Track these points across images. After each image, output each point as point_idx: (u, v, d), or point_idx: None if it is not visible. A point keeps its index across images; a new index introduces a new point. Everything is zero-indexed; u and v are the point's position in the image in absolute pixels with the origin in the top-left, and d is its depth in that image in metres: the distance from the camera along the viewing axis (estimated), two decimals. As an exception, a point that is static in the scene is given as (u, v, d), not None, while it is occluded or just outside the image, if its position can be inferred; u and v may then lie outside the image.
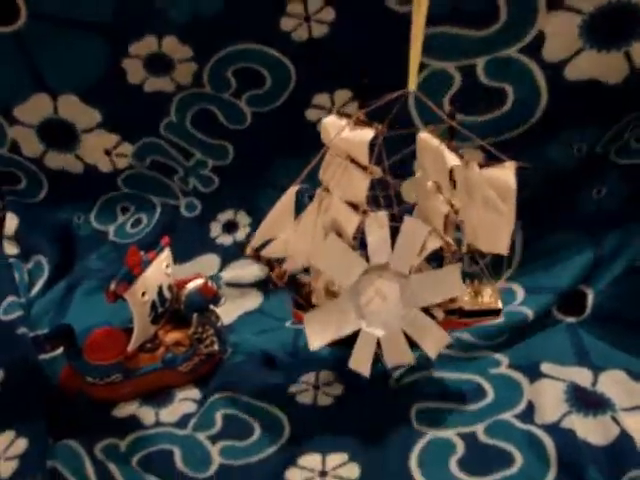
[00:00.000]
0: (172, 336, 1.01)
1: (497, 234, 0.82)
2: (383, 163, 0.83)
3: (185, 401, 0.99)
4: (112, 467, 0.88)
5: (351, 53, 1.06)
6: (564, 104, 1.02)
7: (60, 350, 0.99)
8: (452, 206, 0.83)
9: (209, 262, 1.26)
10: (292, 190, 0.87)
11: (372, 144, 0.81)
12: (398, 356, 0.90)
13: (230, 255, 1.26)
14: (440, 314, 0.90)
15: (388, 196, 0.87)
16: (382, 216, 0.84)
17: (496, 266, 0.94)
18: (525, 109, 1.04)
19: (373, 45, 1.05)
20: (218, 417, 0.95)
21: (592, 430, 0.86)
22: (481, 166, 0.79)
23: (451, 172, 0.80)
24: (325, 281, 0.92)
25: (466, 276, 0.90)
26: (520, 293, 1.11)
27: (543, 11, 0.97)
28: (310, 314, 0.89)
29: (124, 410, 0.97)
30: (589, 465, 0.81)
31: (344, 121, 0.83)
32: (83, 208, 1.31)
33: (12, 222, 1.29)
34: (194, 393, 1.00)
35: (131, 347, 0.97)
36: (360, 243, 0.86)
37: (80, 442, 0.90)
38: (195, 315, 1.00)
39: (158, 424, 0.95)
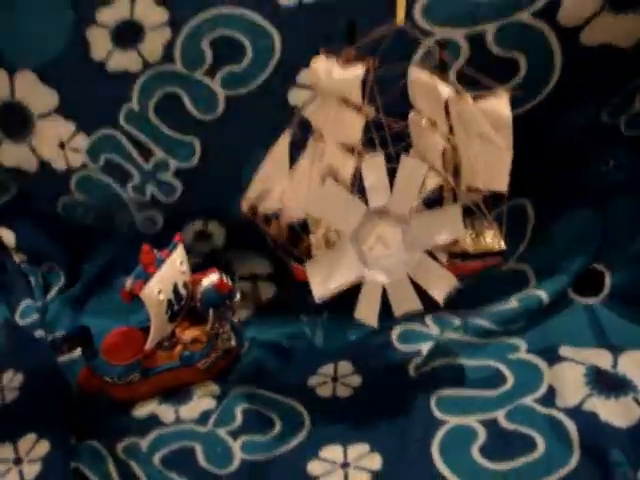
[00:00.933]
0: (189, 333, 1.01)
1: (495, 169, 0.79)
2: (376, 101, 0.78)
3: (205, 398, 0.99)
4: (134, 466, 0.88)
5: (345, 22, 0.91)
6: (578, 72, 0.97)
7: (78, 352, 0.99)
8: (449, 141, 0.80)
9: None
10: (284, 137, 0.84)
11: (364, 84, 0.77)
12: (406, 303, 0.86)
13: (209, 261, 1.15)
14: (444, 258, 0.86)
15: (384, 136, 0.82)
16: (378, 157, 0.79)
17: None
18: (538, 80, 0.97)
19: (369, 11, 0.91)
20: (238, 412, 0.95)
21: (614, 412, 0.86)
22: (475, 98, 0.76)
23: (446, 106, 0.78)
24: (324, 230, 0.89)
25: (467, 219, 0.86)
26: (532, 276, 1.09)
27: None
28: (311, 263, 0.85)
29: (144, 409, 0.98)
30: (612, 447, 0.80)
31: (333, 60, 0.78)
32: (47, 210, 1.20)
33: (9, 235, 1.25)
34: (213, 389, 1.00)
35: (148, 346, 0.97)
36: (358, 187, 0.82)
37: (102, 442, 0.91)
38: (211, 311, 1.00)
39: (178, 421, 0.95)
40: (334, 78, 0.78)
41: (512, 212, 0.89)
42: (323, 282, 0.84)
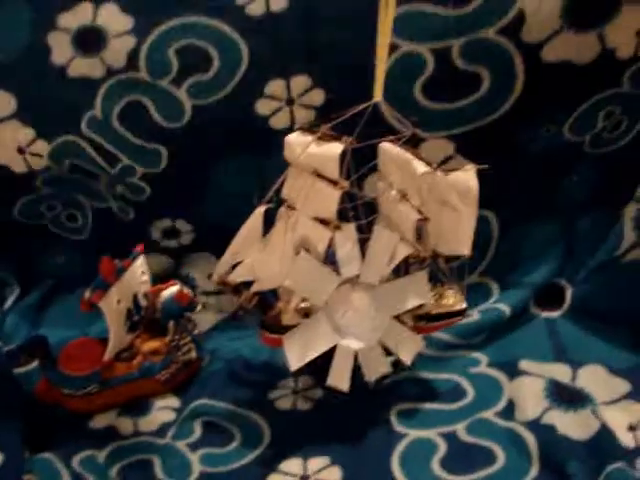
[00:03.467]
0: (149, 344, 1.00)
1: (459, 235, 0.84)
2: (351, 176, 0.82)
3: (164, 410, 0.98)
4: (91, 479, 0.87)
5: (313, 31, 0.97)
6: (538, 87, 0.99)
7: (35, 363, 0.98)
8: (421, 213, 0.83)
9: (161, 261, 1.19)
10: (259, 211, 0.85)
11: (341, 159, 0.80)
12: (377, 367, 0.91)
13: (180, 255, 1.19)
14: (409, 321, 0.91)
15: (354, 208, 0.87)
16: (350, 228, 0.83)
17: (460, 270, 0.93)
18: (500, 94, 0.99)
19: (338, 23, 0.97)
20: (197, 425, 0.94)
21: (573, 425, 0.86)
22: (444, 171, 0.81)
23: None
24: (297, 301, 0.90)
25: (429, 280, 0.90)
26: (495, 289, 1.11)
27: None
28: (288, 335, 0.87)
29: (102, 421, 0.97)
30: (571, 460, 0.81)
31: (309, 136, 0.82)
32: (4, 212, 1.17)
33: None
34: (172, 401, 0.99)
35: (107, 356, 0.96)
36: (327, 258, 0.85)
37: (57, 455, 0.90)
38: (171, 323, 1.00)
39: (137, 434, 0.94)
40: (311, 154, 0.81)
41: (476, 224, 0.89)
42: (299, 353, 0.87)
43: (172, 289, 1.00)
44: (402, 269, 0.89)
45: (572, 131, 1.03)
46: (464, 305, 0.94)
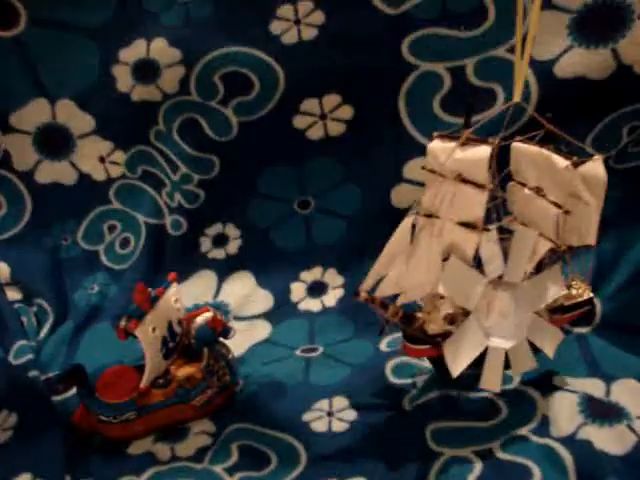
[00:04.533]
0: (184, 371, 1.00)
1: (585, 227, 0.84)
2: (495, 178, 0.84)
3: (200, 435, 0.98)
4: (131, 504, 0.88)
5: (340, 54, 1.09)
6: (554, 102, 1.02)
7: (73, 390, 0.99)
8: (559, 207, 0.84)
9: (206, 279, 1.28)
10: (407, 222, 0.86)
11: None
12: (524, 363, 0.92)
13: (225, 269, 1.28)
14: (546, 315, 0.92)
15: (496, 209, 0.88)
16: (492, 230, 0.85)
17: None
18: (515, 109, 1.02)
19: (362, 47, 1.08)
20: (234, 449, 0.95)
21: (609, 440, 0.86)
22: (575, 165, 0.81)
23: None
24: (447, 307, 0.90)
25: None
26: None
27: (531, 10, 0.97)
28: (447, 343, 0.89)
29: (139, 447, 0.97)
30: (608, 475, 0.81)
31: (451, 142, 0.82)
32: (69, 229, 1.32)
33: (3, 268, 1.29)
34: (209, 426, 1.00)
35: (144, 384, 0.97)
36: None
37: (97, 481, 0.91)
38: (206, 349, 1.01)
39: (174, 459, 0.95)
40: (457, 159, 0.81)
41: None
42: (458, 358, 0.88)
43: (206, 315, 1.01)
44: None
45: (594, 147, 1.04)
46: (591, 294, 0.96)
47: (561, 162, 0.81)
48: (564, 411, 0.92)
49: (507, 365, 0.91)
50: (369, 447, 0.92)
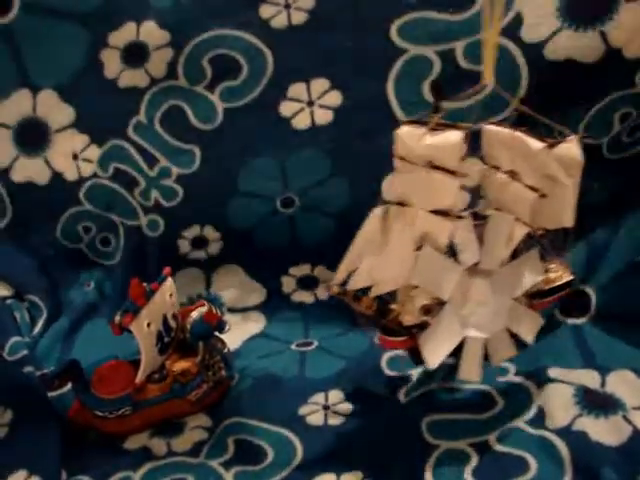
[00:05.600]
0: (179, 365, 1.00)
1: (562, 209, 0.81)
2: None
3: (196, 429, 0.99)
4: (128, 500, 0.88)
5: (329, 39, 1.09)
6: (545, 84, 1.02)
7: (68, 386, 0.99)
8: (536, 190, 0.82)
9: (191, 276, 1.26)
10: (375, 213, 0.84)
11: None
12: (504, 352, 0.91)
13: (209, 266, 1.26)
14: (524, 300, 0.90)
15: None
16: (466, 217, 0.83)
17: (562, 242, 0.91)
18: (506, 91, 1.01)
19: (351, 31, 1.08)
20: (230, 443, 0.95)
21: (604, 431, 0.86)
22: (550, 146, 0.78)
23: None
24: (422, 298, 0.88)
25: None
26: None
27: None
28: (424, 334, 0.87)
29: (135, 442, 0.97)
30: (604, 466, 0.81)
31: (421, 128, 0.78)
32: (48, 229, 1.30)
33: None
34: (204, 421, 1.00)
35: (139, 379, 0.96)
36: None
37: (93, 476, 0.91)
38: (201, 343, 1.00)
39: (170, 454, 0.95)
40: (427, 145, 0.78)
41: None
42: (435, 350, 0.87)
43: (201, 310, 1.01)
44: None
45: (588, 133, 1.04)
46: (571, 276, 0.94)
47: (535, 144, 0.78)
48: (559, 402, 0.92)
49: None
50: (365, 440, 0.92)
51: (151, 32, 1.11)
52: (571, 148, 0.78)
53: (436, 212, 0.82)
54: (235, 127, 1.16)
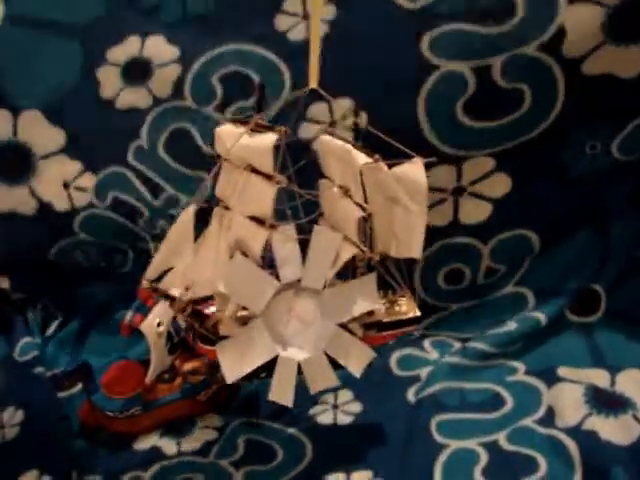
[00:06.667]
0: (189, 365, 1.00)
1: (409, 236, 0.75)
2: (288, 170, 0.76)
3: (206, 429, 0.99)
4: (138, 499, 0.88)
5: (353, 55, 0.99)
6: (581, 102, 0.98)
7: (79, 387, 0.99)
8: (364, 210, 0.76)
9: None
10: (189, 211, 0.80)
11: (276, 151, 0.74)
12: (322, 380, 0.84)
13: None
14: (358, 330, 0.83)
15: (295, 207, 0.79)
16: (289, 229, 0.77)
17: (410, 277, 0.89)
18: (542, 109, 0.99)
19: (377, 45, 0.98)
20: (240, 443, 0.95)
21: (614, 430, 0.86)
22: (390, 165, 0.73)
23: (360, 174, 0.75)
24: (234, 308, 0.81)
25: (379, 287, 0.82)
26: (530, 298, 1.11)
27: (564, 4, 0.92)
28: (221, 345, 0.81)
29: (145, 442, 0.98)
30: (614, 465, 0.81)
31: (241, 128, 0.76)
32: (37, 257, 1.18)
33: (2, 280, 1.23)
34: (214, 421, 1.00)
35: (149, 379, 0.96)
36: (267, 261, 0.79)
37: (104, 476, 0.91)
38: (211, 342, 1.01)
39: (180, 454, 0.95)
40: (243, 146, 0.75)
41: (514, 239, 0.92)
42: (235, 365, 0.81)
43: (211, 309, 1.01)
44: (350, 273, 0.81)
45: (621, 150, 1.03)
46: (418, 313, 0.86)
47: (360, 159, 0.74)
48: (569, 402, 0.92)
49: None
50: (375, 440, 0.93)
51: (158, 47, 1.03)
52: (415, 171, 0.72)
53: (252, 218, 0.78)
54: None
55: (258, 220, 0.77)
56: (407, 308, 0.86)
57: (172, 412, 0.99)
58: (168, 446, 0.96)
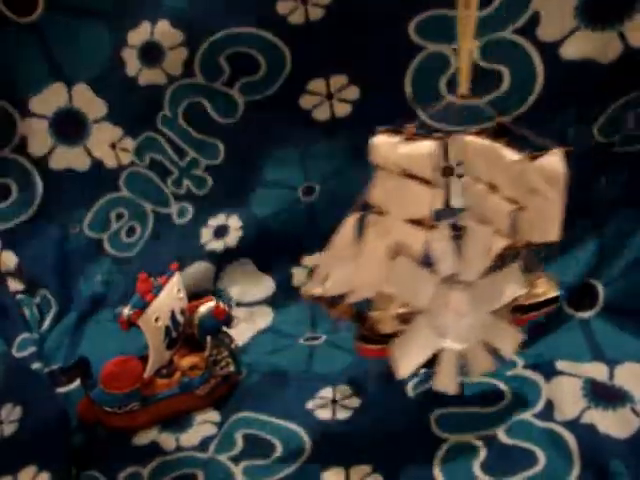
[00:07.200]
0: (187, 360, 1.01)
1: (547, 222, 0.81)
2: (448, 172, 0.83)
3: (205, 424, 0.99)
4: (137, 495, 0.88)
5: (347, 35, 1.09)
6: (560, 84, 1.02)
7: (77, 382, 0.99)
8: (514, 202, 0.81)
9: (204, 269, 1.26)
10: (350, 221, 0.82)
11: None
12: (482, 365, 0.89)
13: (224, 261, 1.26)
14: (507, 315, 0.88)
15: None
16: (444, 227, 0.81)
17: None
18: (522, 90, 1.04)
19: (369, 27, 1.08)
20: (239, 438, 0.95)
21: (613, 423, 0.86)
22: (532, 158, 0.79)
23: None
24: (396, 307, 0.88)
25: None
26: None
27: None
28: (395, 343, 0.85)
29: (144, 437, 0.98)
30: (612, 458, 0.81)
31: (395, 137, 0.79)
32: (77, 217, 1.33)
33: (9, 258, 1.29)
34: (213, 416, 1.00)
35: (147, 374, 0.97)
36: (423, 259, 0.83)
37: (103, 472, 0.91)
38: (209, 338, 1.01)
39: (179, 449, 0.95)
40: (401, 154, 0.78)
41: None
42: (406, 360, 0.85)
43: (209, 305, 1.01)
44: (495, 263, 0.86)
45: (601, 132, 1.04)
46: (557, 292, 0.93)
47: (511, 156, 0.78)
48: (568, 395, 0.92)
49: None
50: (373, 434, 0.92)
51: (165, 32, 1.12)
52: (553, 161, 0.78)
53: (411, 221, 0.81)
54: (256, 120, 1.18)
55: (417, 222, 0.81)
56: (546, 288, 0.93)
57: (171, 407, 0.99)
58: (167, 441, 0.96)
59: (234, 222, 1.25)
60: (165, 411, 0.99)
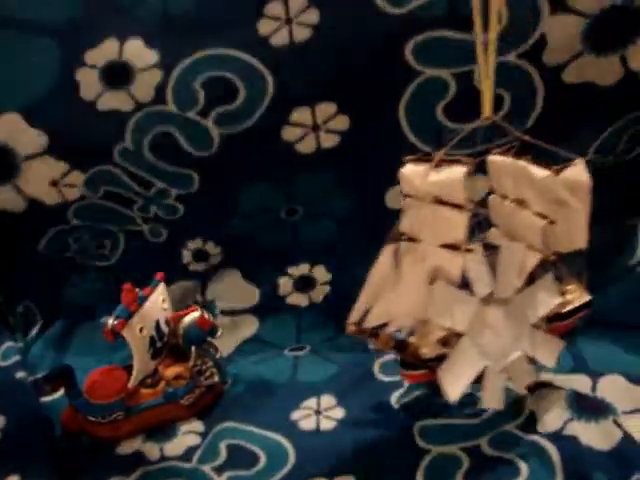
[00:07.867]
0: (172, 370, 1.01)
1: (575, 231, 0.82)
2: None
3: (189, 434, 0.99)
4: (120, 505, 0.88)
5: (336, 59, 1.00)
6: (560, 107, 1.01)
7: (61, 391, 0.99)
8: (544, 217, 0.82)
9: (187, 287, 1.24)
10: (388, 252, 0.83)
11: None
12: (525, 378, 0.91)
13: (207, 278, 1.24)
14: (544, 325, 0.89)
15: (478, 226, 0.86)
16: (477, 249, 0.82)
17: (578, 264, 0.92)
18: (521, 114, 1.02)
19: (361, 50, 0.99)
20: (222, 448, 0.95)
21: (595, 435, 0.86)
22: (556, 172, 0.80)
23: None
24: (438, 331, 0.88)
25: None
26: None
27: (545, 14, 0.94)
28: (442, 368, 0.85)
29: (128, 447, 0.97)
30: (595, 471, 0.81)
31: (423, 165, 0.79)
32: (28, 247, 1.20)
33: None
34: (197, 426, 1.00)
35: (132, 384, 0.97)
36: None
37: (86, 482, 0.91)
38: (193, 348, 1.01)
39: (163, 459, 0.95)
40: (432, 181, 0.78)
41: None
42: (455, 383, 0.85)
43: (193, 315, 1.01)
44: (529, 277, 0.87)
45: (598, 153, 1.05)
46: (589, 297, 0.94)
47: (540, 173, 0.79)
48: (551, 407, 0.92)
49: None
50: (357, 445, 0.92)
51: (136, 51, 1.00)
52: (578, 172, 0.80)
53: (445, 246, 0.81)
54: (234, 153, 1.07)
55: (451, 246, 0.81)
56: (577, 294, 0.94)
57: (155, 417, 0.99)
58: (151, 451, 0.96)
59: (212, 248, 1.22)
60: (149, 421, 0.99)
